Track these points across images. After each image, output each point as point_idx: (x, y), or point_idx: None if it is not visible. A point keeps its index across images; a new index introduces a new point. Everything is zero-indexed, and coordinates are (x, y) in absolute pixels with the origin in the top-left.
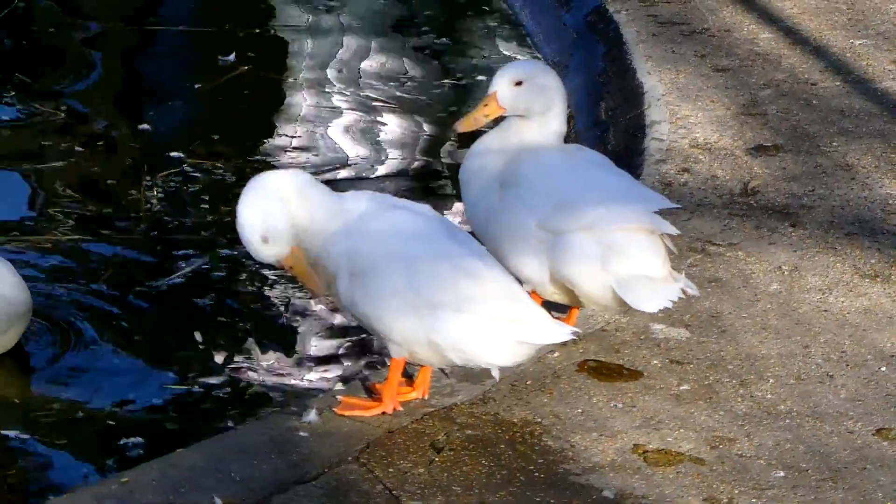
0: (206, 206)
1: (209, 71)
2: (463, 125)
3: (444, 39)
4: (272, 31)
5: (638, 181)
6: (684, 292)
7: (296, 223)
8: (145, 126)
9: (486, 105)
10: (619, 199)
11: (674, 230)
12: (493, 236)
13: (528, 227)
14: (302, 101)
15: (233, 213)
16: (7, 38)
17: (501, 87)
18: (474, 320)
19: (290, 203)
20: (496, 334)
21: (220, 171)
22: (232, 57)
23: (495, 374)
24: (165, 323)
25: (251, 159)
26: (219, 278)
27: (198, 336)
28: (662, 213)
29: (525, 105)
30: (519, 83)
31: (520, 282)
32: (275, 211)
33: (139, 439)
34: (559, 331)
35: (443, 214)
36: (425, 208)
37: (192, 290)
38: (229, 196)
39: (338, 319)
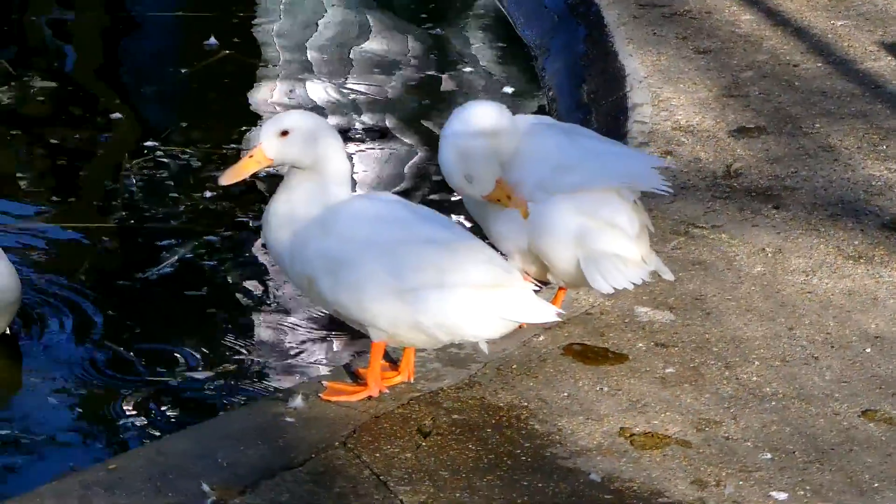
0: (181, 194)
1: (193, 56)
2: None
3: (427, 24)
4: (259, 16)
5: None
6: (658, 276)
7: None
8: (117, 115)
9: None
10: (612, 158)
11: (666, 186)
12: (483, 211)
13: (524, 189)
14: (282, 86)
15: (209, 201)
16: None
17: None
18: (457, 293)
19: None
20: (480, 305)
21: (195, 158)
22: (214, 41)
23: (483, 347)
24: (150, 310)
25: (226, 147)
26: (202, 266)
27: (183, 323)
28: (649, 193)
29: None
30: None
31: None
32: None
33: (126, 426)
34: (545, 310)
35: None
36: (384, 194)
37: (176, 279)
38: (204, 183)
39: None
